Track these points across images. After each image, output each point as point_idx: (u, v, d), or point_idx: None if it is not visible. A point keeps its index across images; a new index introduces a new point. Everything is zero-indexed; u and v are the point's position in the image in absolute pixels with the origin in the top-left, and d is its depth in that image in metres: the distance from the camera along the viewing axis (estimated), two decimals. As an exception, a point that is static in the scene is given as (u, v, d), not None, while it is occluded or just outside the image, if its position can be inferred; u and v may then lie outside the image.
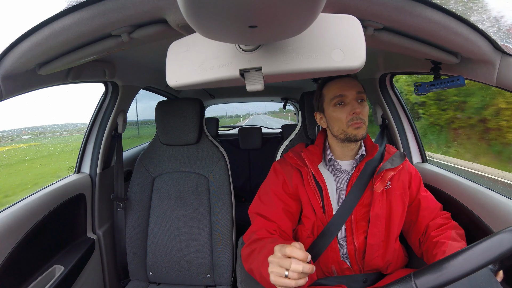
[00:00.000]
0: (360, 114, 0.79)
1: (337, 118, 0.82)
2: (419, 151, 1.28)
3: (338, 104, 0.82)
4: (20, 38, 0.57)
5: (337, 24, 0.41)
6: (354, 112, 0.79)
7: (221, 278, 1.15)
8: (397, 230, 0.84)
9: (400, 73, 1.19)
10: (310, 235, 0.85)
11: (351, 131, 0.80)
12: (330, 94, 0.84)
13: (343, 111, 0.81)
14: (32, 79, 0.73)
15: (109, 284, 1.26)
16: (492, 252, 0.42)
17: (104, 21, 0.52)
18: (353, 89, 0.81)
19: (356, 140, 0.81)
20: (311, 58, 0.41)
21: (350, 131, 0.80)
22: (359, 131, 0.79)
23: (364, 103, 0.82)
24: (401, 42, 0.63)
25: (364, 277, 0.85)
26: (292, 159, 0.90)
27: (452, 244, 0.74)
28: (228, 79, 0.44)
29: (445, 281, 0.42)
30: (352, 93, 0.80)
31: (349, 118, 0.80)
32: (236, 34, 0.34)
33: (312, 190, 0.84)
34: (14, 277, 0.84)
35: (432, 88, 0.84)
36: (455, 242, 0.74)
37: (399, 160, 0.86)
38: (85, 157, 1.28)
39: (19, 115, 1.86)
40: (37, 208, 0.94)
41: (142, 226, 1.22)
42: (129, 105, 1.40)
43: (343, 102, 0.81)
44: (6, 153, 3.19)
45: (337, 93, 0.82)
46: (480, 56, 0.65)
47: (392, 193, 0.84)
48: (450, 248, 0.73)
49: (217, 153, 1.25)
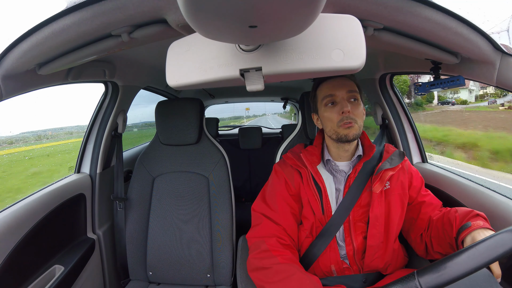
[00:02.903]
0: (351, 114, 0.78)
1: (328, 118, 0.82)
2: (419, 151, 1.27)
3: (330, 104, 0.82)
4: (20, 38, 0.57)
5: (337, 24, 0.41)
6: (343, 111, 0.78)
7: (221, 278, 1.15)
8: (396, 231, 0.84)
9: (400, 73, 1.19)
10: (309, 235, 0.85)
11: (341, 131, 0.79)
12: (322, 94, 0.84)
13: (334, 111, 0.80)
14: (32, 79, 0.73)
15: (109, 284, 1.26)
16: (495, 250, 0.42)
17: (104, 21, 0.52)
18: (343, 88, 0.80)
19: (347, 140, 0.79)
20: (311, 58, 0.41)
21: (340, 131, 0.79)
22: (349, 131, 0.78)
23: (357, 102, 0.81)
24: (401, 42, 0.63)
25: (363, 277, 0.84)
26: (291, 160, 0.90)
27: (460, 208, 0.75)
28: (228, 79, 0.44)
29: (448, 279, 0.42)
30: (342, 92, 0.80)
31: (339, 118, 0.79)
32: (236, 34, 0.34)
33: (311, 191, 0.84)
34: (14, 277, 0.84)
35: (432, 88, 0.84)
36: (463, 208, 0.75)
37: (398, 160, 0.85)
38: (85, 157, 1.28)
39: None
40: (37, 208, 0.94)
41: (142, 226, 1.22)
42: (129, 105, 1.40)
43: (334, 102, 0.81)
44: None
45: (327, 93, 0.81)
46: (480, 56, 0.65)
47: (391, 194, 0.83)
48: (460, 210, 0.74)
49: (217, 153, 1.25)
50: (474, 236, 0.65)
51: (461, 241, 0.68)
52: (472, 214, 0.71)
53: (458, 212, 0.74)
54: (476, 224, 0.67)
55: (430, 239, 0.79)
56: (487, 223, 0.69)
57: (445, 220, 0.76)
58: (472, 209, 0.73)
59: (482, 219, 0.69)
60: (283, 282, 0.70)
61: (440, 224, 0.77)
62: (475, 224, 0.67)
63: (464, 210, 0.74)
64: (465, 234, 0.67)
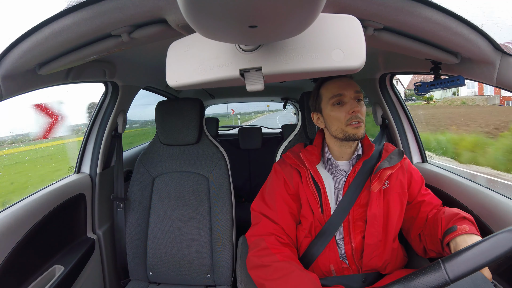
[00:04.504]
0: (359, 113, 0.79)
1: (335, 117, 0.82)
2: (419, 151, 1.27)
3: (337, 103, 0.82)
4: (20, 38, 0.57)
5: (337, 24, 0.41)
6: (353, 111, 0.79)
7: (221, 278, 1.15)
8: (395, 230, 0.84)
9: (400, 73, 1.19)
10: (308, 235, 0.85)
11: (350, 130, 0.80)
12: (329, 93, 0.84)
13: (342, 110, 0.81)
14: (32, 79, 0.73)
15: (109, 284, 1.26)
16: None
17: (104, 21, 0.52)
18: (352, 89, 0.81)
19: (355, 139, 0.81)
20: (311, 58, 0.41)
21: (349, 130, 0.80)
22: (358, 131, 0.80)
23: (362, 103, 0.82)
24: (401, 42, 0.63)
25: (363, 277, 0.84)
26: (290, 160, 0.90)
27: (449, 208, 0.77)
28: (228, 79, 0.44)
29: (475, 266, 0.44)
30: (351, 92, 0.81)
31: (348, 117, 0.80)
32: (236, 34, 0.34)
33: (310, 190, 0.84)
34: (14, 277, 0.84)
35: (432, 88, 0.84)
36: (451, 209, 0.77)
37: (397, 158, 0.85)
38: (85, 157, 1.28)
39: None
40: (37, 208, 0.94)
41: (142, 226, 1.22)
42: (129, 105, 1.40)
43: (342, 101, 0.82)
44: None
45: (336, 92, 0.82)
46: (480, 56, 0.65)
47: (390, 193, 0.83)
48: (447, 211, 0.75)
49: (217, 153, 1.25)
50: (457, 241, 0.66)
51: (446, 244, 0.69)
52: (458, 216, 0.72)
53: (445, 214, 0.75)
54: (462, 229, 0.67)
55: (425, 237, 0.80)
56: (474, 226, 0.69)
57: (434, 220, 0.77)
58: (460, 211, 0.74)
59: (469, 223, 0.70)
60: (282, 280, 0.70)
61: (431, 223, 0.78)
62: (460, 229, 0.67)
63: (451, 212, 0.74)
64: (450, 238, 0.68)
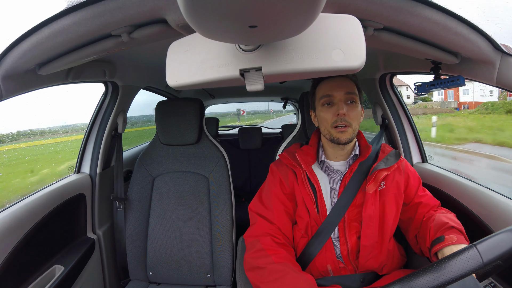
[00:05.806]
0: (346, 116, 0.77)
1: (323, 118, 0.82)
2: (419, 151, 1.27)
3: (326, 104, 0.81)
4: (20, 38, 0.57)
5: (337, 24, 0.41)
6: (338, 113, 0.77)
7: (221, 278, 1.15)
8: (391, 231, 0.83)
9: (400, 73, 1.19)
10: (304, 235, 0.85)
11: (334, 133, 0.79)
12: (320, 93, 0.83)
13: (329, 111, 0.80)
14: (32, 79, 0.73)
15: (109, 284, 1.26)
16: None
17: (104, 21, 0.52)
18: (342, 90, 0.79)
19: (339, 143, 0.79)
20: (311, 58, 0.41)
21: (333, 133, 0.79)
22: (342, 135, 0.78)
23: (354, 105, 0.80)
24: (401, 42, 0.63)
25: (361, 277, 0.84)
26: (286, 160, 0.89)
27: (439, 216, 0.77)
28: (228, 79, 0.44)
29: (507, 249, 0.45)
30: (340, 93, 0.79)
31: (334, 119, 0.78)
32: (236, 34, 0.34)
33: (306, 190, 0.84)
34: (14, 277, 0.84)
35: (432, 88, 0.84)
36: (443, 214, 0.77)
37: (393, 159, 0.85)
38: (85, 157, 1.28)
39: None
40: (37, 208, 0.94)
41: (142, 226, 1.22)
42: (129, 105, 1.40)
43: (331, 102, 0.81)
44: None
45: (325, 92, 0.81)
46: (480, 56, 0.65)
47: (386, 194, 0.83)
48: (437, 219, 0.75)
49: (217, 153, 1.25)
50: (444, 252, 0.67)
51: (434, 253, 0.70)
52: (446, 226, 0.72)
53: (434, 223, 0.75)
54: (449, 239, 0.68)
55: (419, 239, 0.81)
56: (462, 236, 0.69)
57: (425, 227, 0.78)
58: (449, 219, 0.74)
59: (457, 232, 0.70)
60: (277, 282, 0.70)
61: (424, 227, 0.79)
62: (448, 239, 0.68)
63: (440, 221, 0.74)
64: (437, 249, 0.69)
